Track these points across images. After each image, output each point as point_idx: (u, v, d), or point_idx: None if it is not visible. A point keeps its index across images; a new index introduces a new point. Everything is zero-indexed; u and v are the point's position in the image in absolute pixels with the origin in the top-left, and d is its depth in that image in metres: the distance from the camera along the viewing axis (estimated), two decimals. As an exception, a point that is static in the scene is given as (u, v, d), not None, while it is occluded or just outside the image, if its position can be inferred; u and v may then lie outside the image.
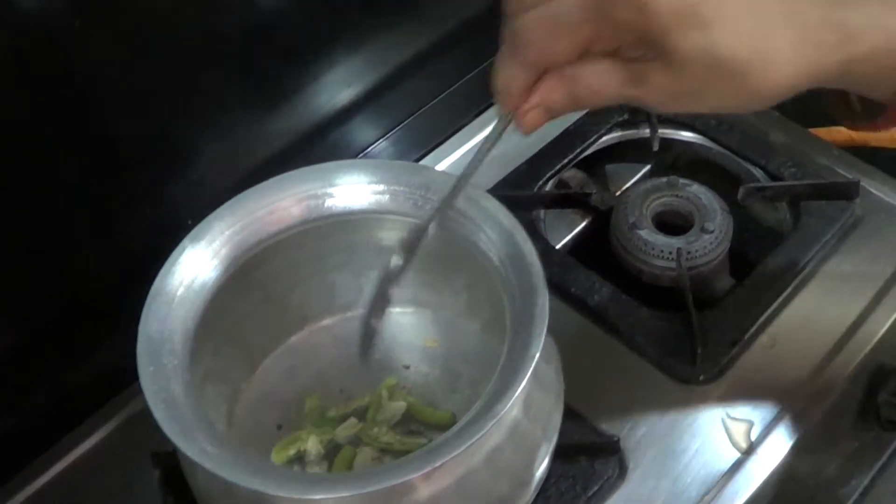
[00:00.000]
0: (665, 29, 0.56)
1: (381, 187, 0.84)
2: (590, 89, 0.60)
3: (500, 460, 0.75)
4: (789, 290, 1.04)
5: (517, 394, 0.69)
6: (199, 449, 0.70)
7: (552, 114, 0.62)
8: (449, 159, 1.19)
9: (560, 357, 0.83)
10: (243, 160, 1.04)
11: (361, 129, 1.16)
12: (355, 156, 1.17)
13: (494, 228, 0.79)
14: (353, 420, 0.90)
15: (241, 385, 0.92)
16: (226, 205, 0.83)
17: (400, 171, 0.84)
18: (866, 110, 0.72)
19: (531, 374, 0.70)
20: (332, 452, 0.89)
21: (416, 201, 0.75)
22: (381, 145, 1.19)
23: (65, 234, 0.91)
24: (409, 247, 0.77)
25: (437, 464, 0.67)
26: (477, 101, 1.22)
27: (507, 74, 0.61)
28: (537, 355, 0.71)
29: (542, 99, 0.62)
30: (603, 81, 0.60)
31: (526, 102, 0.62)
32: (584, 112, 1.17)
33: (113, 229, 0.95)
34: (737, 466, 0.92)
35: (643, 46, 0.59)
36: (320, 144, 1.11)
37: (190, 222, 0.92)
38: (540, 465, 0.79)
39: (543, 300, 0.74)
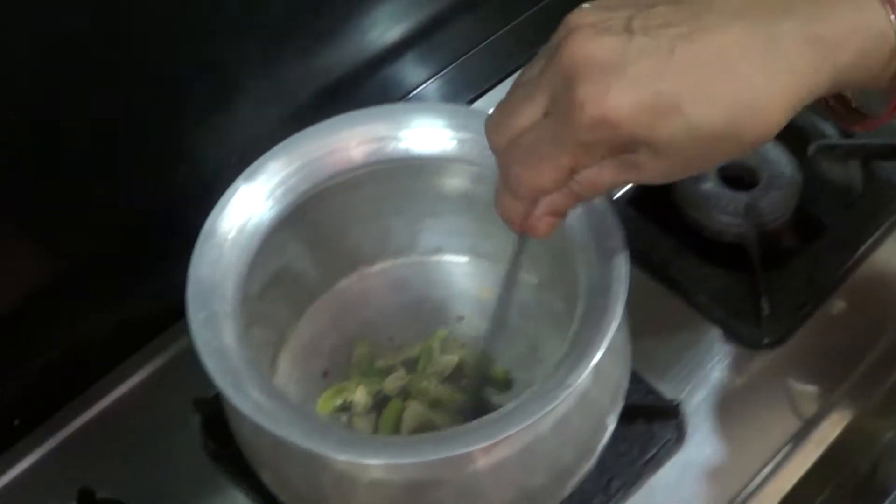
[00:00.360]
0: (634, 132, 0.55)
1: (450, 133, 0.80)
2: (589, 187, 0.61)
3: (566, 429, 0.71)
4: (860, 251, 0.99)
5: (592, 365, 0.65)
6: (252, 404, 0.66)
7: (560, 216, 0.64)
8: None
9: (629, 329, 0.78)
10: (289, 97, 0.99)
11: (410, 69, 1.12)
12: (402, 97, 1.12)
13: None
14: (401, 372, 0.87)
15: (287, 330, 0.88)
16: (282, 144, 0.78)
17: (470, 117, 0.80)
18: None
19: (606, 342, 0.66)
20: (379, 404, 0.85)
21: (483, 150, 0.70)
22: (430, 87, 1.14)
23: (109, 165, 0.87)
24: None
25: (507, 434, 0.64)
26: (529, 44, 1.15)
27: (505, 206, 0.63)
28: (615, 325, 0.66)
29: (548, 208, 0.63)
30: (599, 178, 0.60)
31: (532, 216, 0.63)
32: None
33: (157, 163, 0.91)
34: (799, 435, 0.89)
35: (626, 147, 0.58)
36: (367, 83, 1.06)
37: (235, 160, 0.89)
38: (606, 433, 0.76)
39: (624, 265, 0.70)
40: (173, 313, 0.89)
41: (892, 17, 0.57)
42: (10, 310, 0.87)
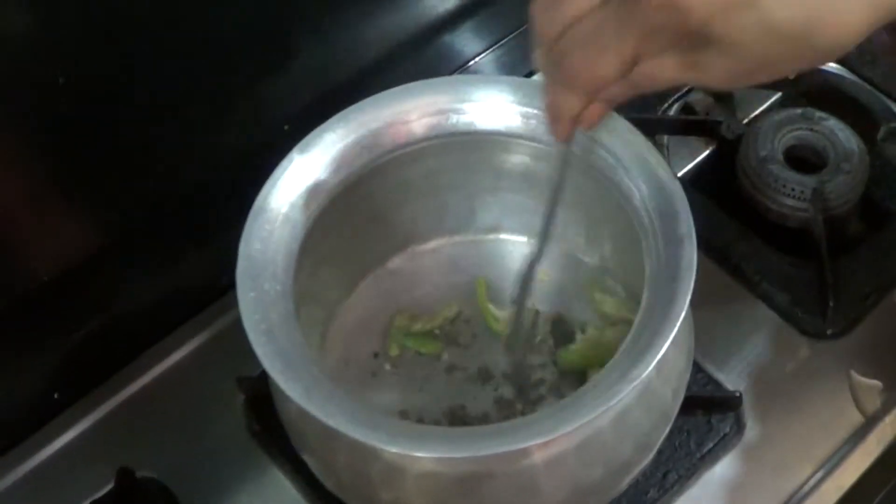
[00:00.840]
0: (705, 20, 0.51)
1: (515, 108, 0.76)
2: (648, 78, 0.56)
3: (627, 423, 0.69)
4: (930, 242, 0.94)
5: (658, 358, 0.62)
6: (302, 389, 0.64)
7: (612, 105, 0.61)
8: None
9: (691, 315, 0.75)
10: (341, 66, 0.96)
11: (465, 41, 1.08)
12: (456, 69, 1.09)
13: (640, 171, 0.71)
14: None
15: (336, 308, 0.86)
16: (340, 114, 0.75)
17: (536, 91, 0.75)
18: None
19: (672, 334, 0.63)
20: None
21: (548, 126, 0.67)
22: (485, 59, 1.11)
23: (162, 133, 0.85)
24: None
25: (567, 430, 0.61)
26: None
27: (560, 103, 0.59)
28: (682, 316, 0.63)
29: (606, 96, 0.59)
30: (661, 72, 0.56)
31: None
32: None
33: (206, 130, 0.89)
34: (861, 432, 0.86)
35: (693, 39, 0.53)
36: (421, 53, 1.04)
37: (286, 128, 0.89)
38: (666, 427, 0.73)
39: (691, 253, 0.67)
40: (219, 287, 0.89)
41: None
42: (51, 282, 0.85)
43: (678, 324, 0.63)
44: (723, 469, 0.84)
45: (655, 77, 0.56)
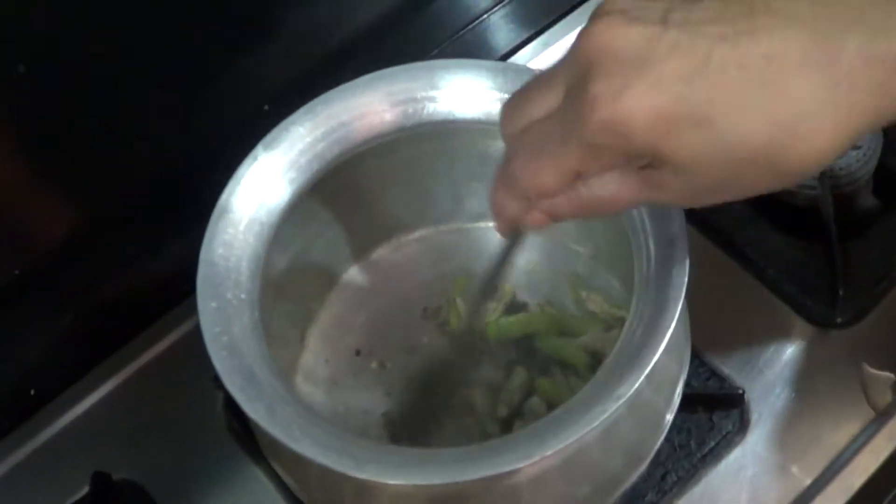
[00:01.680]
0: (652, 143, 0.48)
1: (495, 94, 0.73)
2: (601, 201, 0.53)
3: (615, 437, 0.66)
4: (946, 222, 0.91)
5: (646, 373, 0.59)
6: (265, 410, 0.61)
7: (558, 219, 0.56)
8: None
9: (688, 308, 0.72)
10: (324, 41, 0.94)
11: (451, 16, 1.05)
12: (444, 40, 1.05)
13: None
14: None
15: (316, 305, 0.84)
16: (305, 107, 0.72)
17: (516, 74, 0.73)
18: None
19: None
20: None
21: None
22: (476, 30, 1.07)
23: (140, 114, 0.83)
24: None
25: (547, 453, 0.58)
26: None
27: (500, 200, 0.56)
28: (672, 327, 0.60)
29: (547, 211, 0.55)
30: (614, 192, 0.53)
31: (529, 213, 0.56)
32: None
33: (183, 111, 0.87)
34: (871, 428, 0.83)
35: (644, 158, 0.50)
36: (407, 27, 1.00)
37: (267, 108, 0.88)
38: (659, 438, 0.70)
39: (684, 256, 0.63)
40: (195, 281, 0.85)
41: None
42: (23, 276, 0.84)
43: (668, 334, 0.60)
44: (725, 469, 0.82)
45: (612, 201, 0.53)
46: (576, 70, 0.50)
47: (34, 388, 0.90)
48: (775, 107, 0.46)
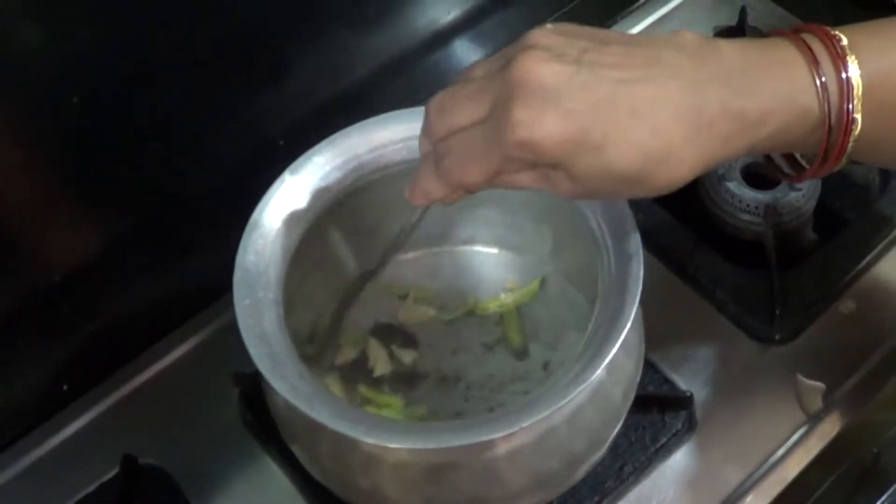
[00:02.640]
0: (558, 159, 0.59)
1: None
2: (506, 183, 0.65)
3: (580, 420, 0.76)
4: (874, 253, 1.02)
5: (606, 362, 0.69)
6: (289, 387, 0.71)
7: (471, 193, 0.67)
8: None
9: (642, 317, 0.82)
10: (335, 82, 1.03)
11: (458, 57, 1.14)
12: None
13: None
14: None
15: (324, 312, 0.93)
16: (327, 140, 0.82)
17: None
18: (791, 165, 0.72)
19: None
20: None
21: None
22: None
23: (156, 140, 0.91)
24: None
25: (524, 424, 0.68)
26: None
27: (427, 185, 0.67)
28: (628, 326, 0.71)
29: (466, 189, 0.66)
30: (518, 181, 0.64)
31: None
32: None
33: (204, 140, 0.95)
34: (803, 429, 0.92)
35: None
36: (422, 64, 1.10)
37: (281, 143, 0.97)
38: (616, 424, 0.80)
39: (638, 268, 0.74)
40: (218, 289, 0.96)
41: (818, 86, 0.61)
42: (61, 277, 0.92)
43: (625, 332, 0.71)
44: (675, 462, 0.91)
45: (513, 183, 0.65)
46: (501, 91, 0.61)
47: (67, 383, 0.98)
48: (651, 143, 0.59)
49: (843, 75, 0.62)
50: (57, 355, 0.96)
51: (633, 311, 0.72)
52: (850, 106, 0.62)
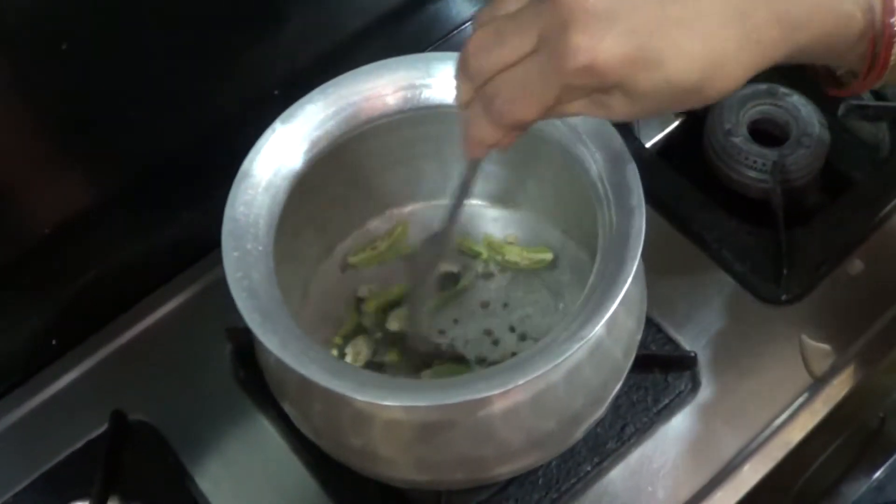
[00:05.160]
0: (619, 80, 0.58)
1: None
2: (559, 112, 0.63)
3: (578, 378, 0.74)
4: (883, 213, 1.00)
5: (605, 319, 0.67)
6: (279, 342, 0.69)
7: (523, 133, 0.65)
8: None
9: (644, 274, 0.80)
10: (330, 33, 1.01)
11: (453, 9, 1.12)
12: (451, 32, 1.13)
13: (597, 144, 0.76)
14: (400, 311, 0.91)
15: (317, 267, 0.92)
16: (319, 88, 0.80)
17: None
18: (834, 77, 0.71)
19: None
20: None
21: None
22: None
23: (149, 93, 0.89)
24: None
25: (520, 382, 0.66)
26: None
27: (482, 134, 0.64)
28: (629, 281, 0.68)
29: (519, 127, 0.64)
30: (570, 109, 0.62)
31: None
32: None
33: (197, 91, 0.94)
34: (808, 392, 0.90)
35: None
36: (415, 17, 1.08)
37: (276, 93, 0.94)
38: (616, 383, 0.78)
39: (640, 222, 0.72)
40: (212, 242, 0.92)
41: None
42: (51, 235, 0.90)
43: (625, 287, 0.69)
44: (677, 424, 0.89)
45: (565, 112, 0.63)
46: (550, 19, 0.59)
47: (56, 338, 0.97)
48: (707, 52, 0.58)
49: None
50: (46, 310, 0.95)
51: (633, 267, 0.69)
52: (893, 20, 0.61)
